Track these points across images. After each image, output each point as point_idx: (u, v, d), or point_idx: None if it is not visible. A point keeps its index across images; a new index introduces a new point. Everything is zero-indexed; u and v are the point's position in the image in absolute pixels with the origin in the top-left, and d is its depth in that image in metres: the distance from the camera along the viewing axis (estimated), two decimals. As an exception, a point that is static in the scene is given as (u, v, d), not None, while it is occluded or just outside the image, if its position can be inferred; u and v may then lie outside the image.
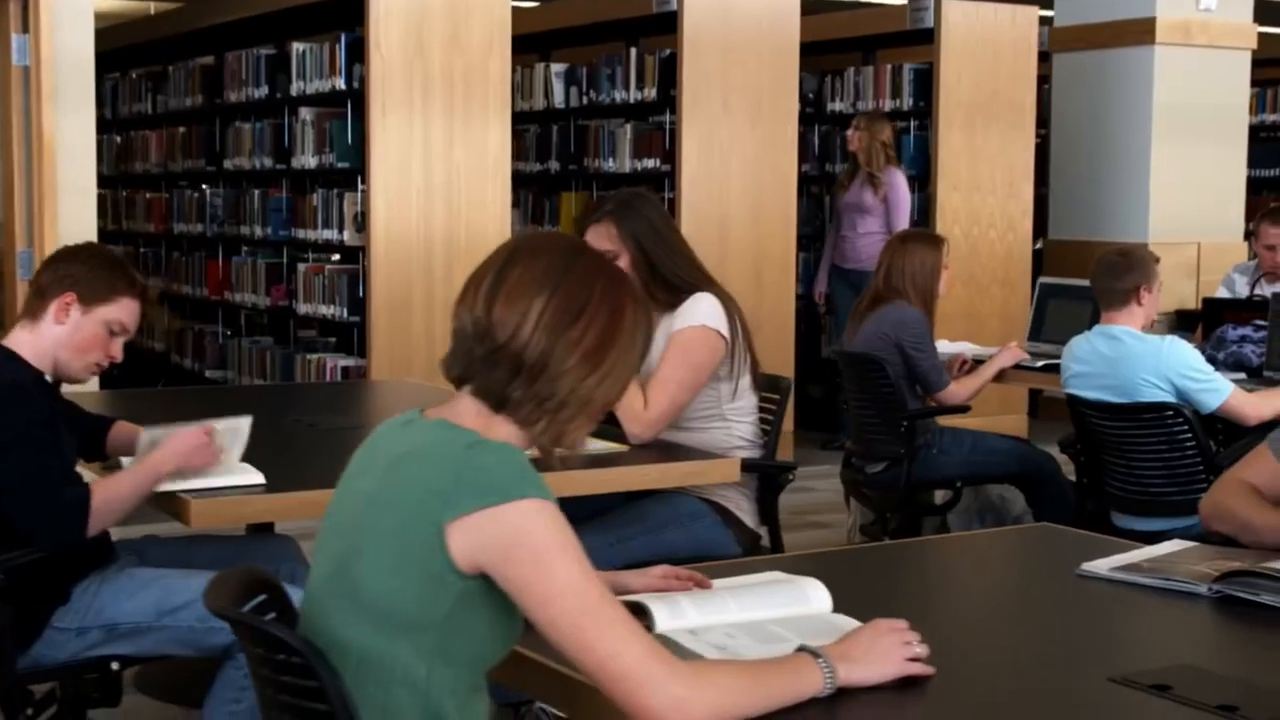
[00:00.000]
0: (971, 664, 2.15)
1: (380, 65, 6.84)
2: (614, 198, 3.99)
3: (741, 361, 3.90)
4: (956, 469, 5.35)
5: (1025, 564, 2.77)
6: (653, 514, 3.84)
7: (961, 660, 2.14)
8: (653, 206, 3.95)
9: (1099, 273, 4.75)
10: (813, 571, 2.39)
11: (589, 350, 1.95)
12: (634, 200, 3.95)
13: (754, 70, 7.77)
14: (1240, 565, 2.50)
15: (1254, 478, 2.93)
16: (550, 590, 1.83)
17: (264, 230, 7.91)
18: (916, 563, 2.83)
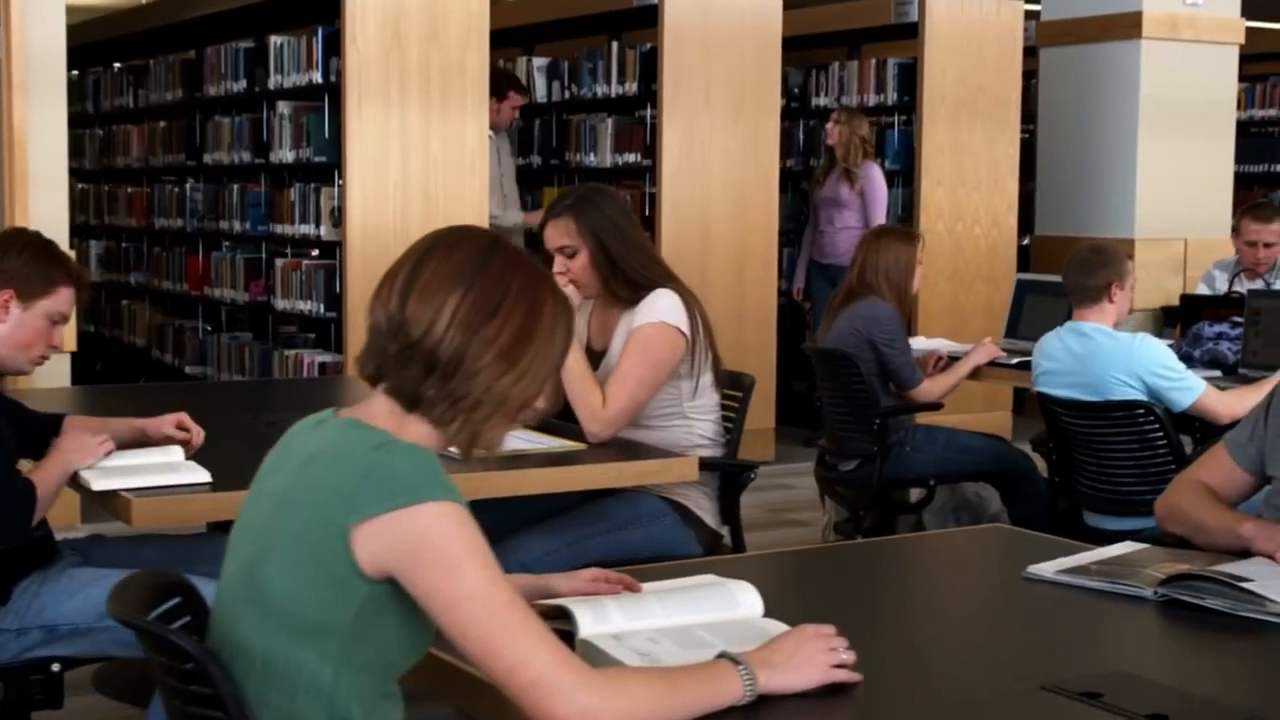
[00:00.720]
0: (902, 670, 2.10)
1: (356, 59, 6.79)
2: (573, 193, 3.94)
3: (703, 359, 3.85)
4: (930, 467, 5.30)
5: (974, 566, 2.72)
6: (612, 513, 3.79)
7: (892, 666, 2.10)
8: (612, 202, 3.90)
9: (1070, 269, 4.70)
10: (760, 572, 2.35)
11: (505, 348, 1.90)
12: (593, 195, 3.91)
13: (736, 65, 7.71)
14: (1187, 568, 2.46)
15: (1209, 478, 2.89)
16: (457, 595, 1.79)
17: (243, 225, 7.86)
18: (863, 565, 2.78)
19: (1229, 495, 2.87)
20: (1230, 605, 2.33)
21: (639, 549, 3.74)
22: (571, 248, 3.81)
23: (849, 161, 8.00)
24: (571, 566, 3.66)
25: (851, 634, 1.98)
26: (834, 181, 8.10)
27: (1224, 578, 2.36)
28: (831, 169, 8.13)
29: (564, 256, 3.83)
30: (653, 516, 3.81)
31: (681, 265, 7.59)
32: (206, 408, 3.79)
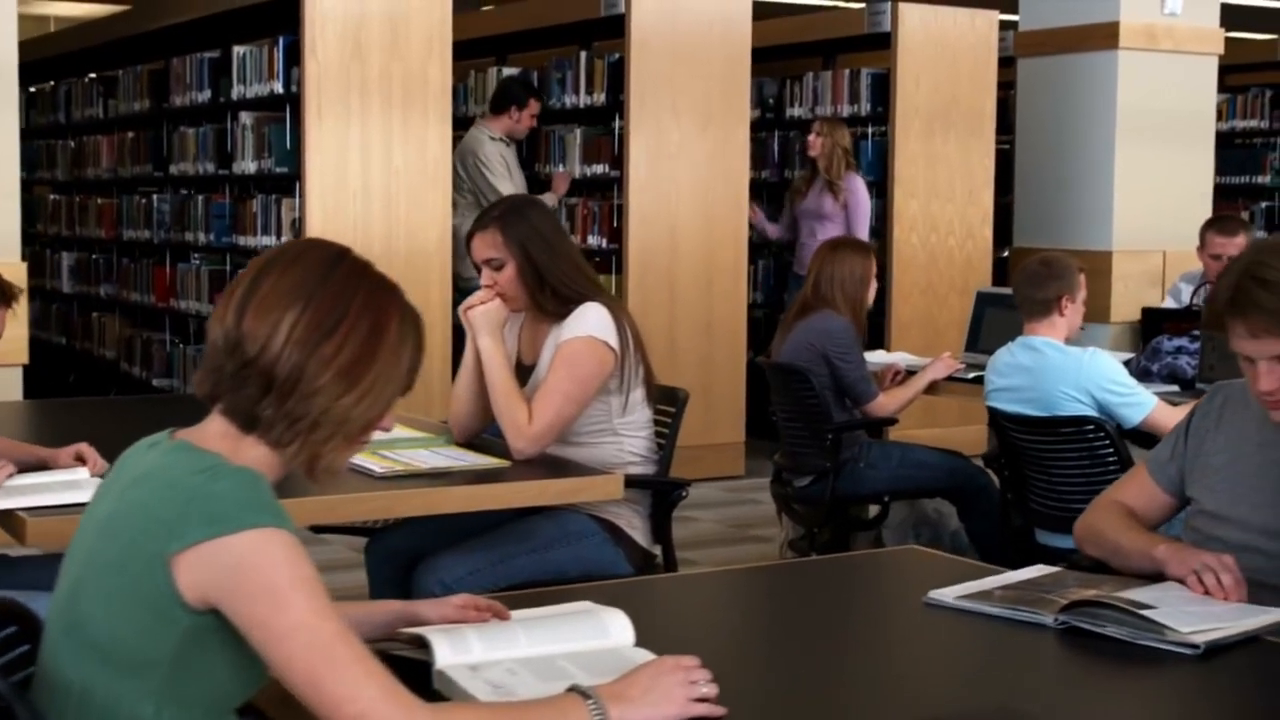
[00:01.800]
0: (772, 703, 2.02)
1: (316, 69, 6.72)
2: (501, 204, 3.87)
3: (633, 374, 3.76)
4: (884, 483, 5.21)
5: (880, 590, 2.63)
6: (538, 532, 3.71)
7: (762, 699, 2.01)
8: (541, 213, 3.83)
9: (1020, 282, 4.62)
10: (678, 593, 2.27)
11: (344, 367, 1.82)
12: (522, 207, 3.83)
13: (704, 75, 7.63)
14: (1094, 594, 2.37)
15: (1129, 499, 2.80)
16: (282, 627, 1.70)
17: (208, 237, 7.79)
18: (771, 588, 2.70)
19: (1149, 517, 2.78)
20: (1130, 634, 2.24)
21: (566, 569, 3.66)
22: (498, 260, 3.73)
23: (831, 173, 7.91)
24: (495, 587, 3.59)
25: (730, 662, 1.91)
26: (817, 193, 8.01)
27: (1125, 605, 2.27)
28: (813, 180, 8.04)
29: (491, 269, 3.75)
30: (581, 535, 3.73)
31: (650, 277, 7.58)
32: (154, 422, 3.69)
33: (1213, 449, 2.70)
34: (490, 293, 3.75)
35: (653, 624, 2.51)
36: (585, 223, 7.90)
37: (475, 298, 3.77)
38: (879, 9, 8.25)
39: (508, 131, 7.69)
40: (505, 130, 7.69)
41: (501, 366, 3.70)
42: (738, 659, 2.23)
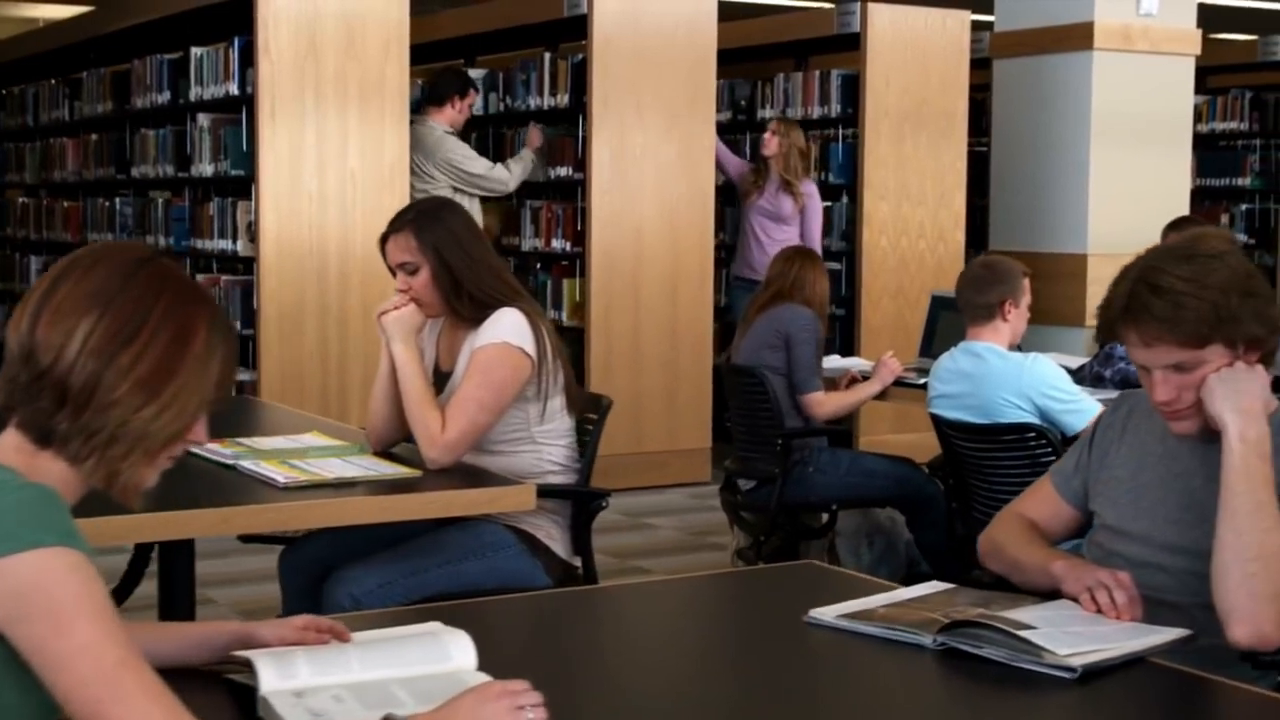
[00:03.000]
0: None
1: (269, 70, 6.63)
2: (416, 206, 3.78)
3: (551, 381, 3.66)
4: (832, 490, 5.12)
5: (766, 607, 2.53)
6: (452, 544, 3.61)
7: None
8: (457, 216, 3.73)
9: (962, 285, 4.52)
10: (573, 608, 2.16)
11: (143, 378, 1.72)
12: (437, 209, 3.74)
13: (669, 76, 7.54)
14: (974, 613, 2.27)
15: (1032, 512, 2.70)
16: (64, 652, 1.60)
17: (167, 240, 7.69)
18: (644, 604, 2.61)
19: (1053, 531, 2.68)
20: (1008, 656, 2.14)
21: (481, 581, 3.57)
22: (412, 264, 3.64)
23: (789, 174, 7.81)
24: (408, 600, 3.50)
25: (587, 685, 1.81)
26: (773, 194, 7.91)
27: (1002, 626, 2.17)
28: (766, 179, 7.93)
29: (405, 273, 3.65)
30: (497, 547, 3.64)
31: (613, 282, 7.48)
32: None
33: (1116, 461, 2.60)
34: (404, 297, 3.65)
35: (521, 641, 2.42)
36: (549, 225, 7.81)
37: (389, 303, 3.68)
38: (848, 9, 8.16)
39: (451, 123, 7.57)
40: (449, 122, 7.56)
41: (415, 374, 3.60)
42: (596, 679, 2.14)
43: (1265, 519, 2.27)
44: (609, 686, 2.10)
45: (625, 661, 2.26)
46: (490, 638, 2.45)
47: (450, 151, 7.43)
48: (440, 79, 7.78)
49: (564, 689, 2.08)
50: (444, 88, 7.66)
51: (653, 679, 2.17)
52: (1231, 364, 2.38)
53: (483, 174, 7.45)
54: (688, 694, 2.10)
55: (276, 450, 3.64)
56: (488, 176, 7.49)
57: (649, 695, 2.08)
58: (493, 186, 7.52)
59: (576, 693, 2.04)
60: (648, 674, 2.20)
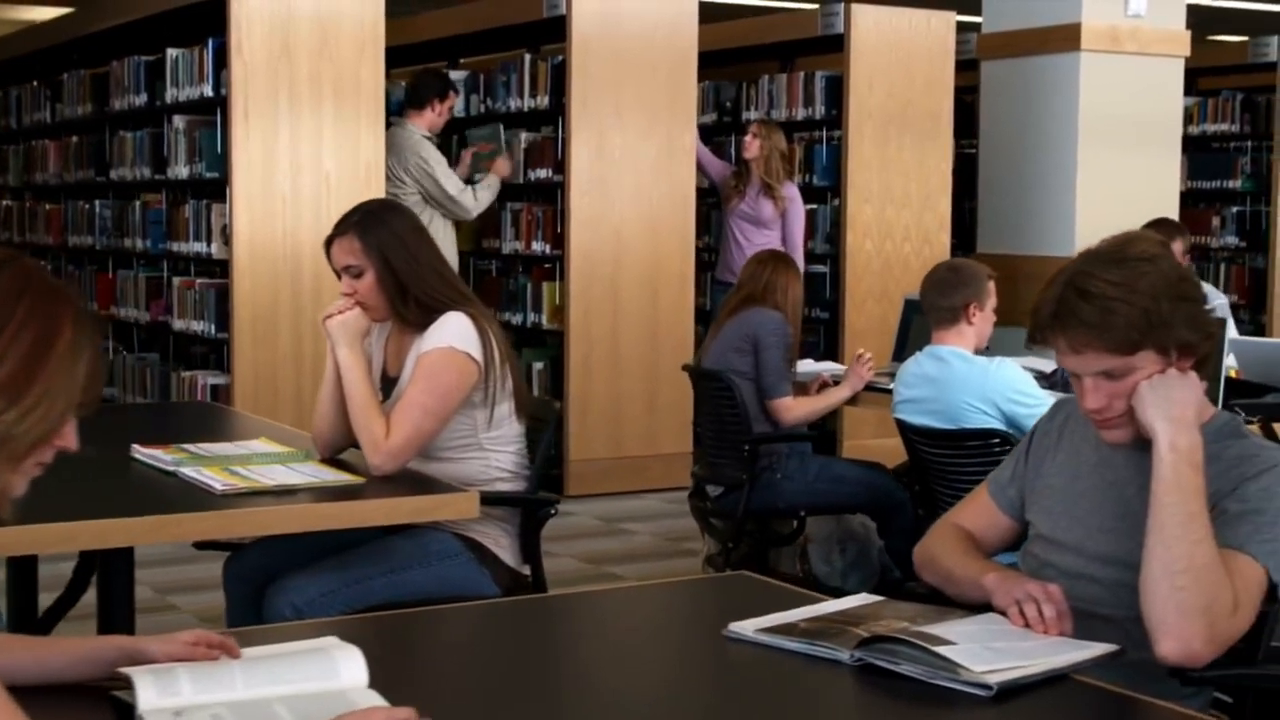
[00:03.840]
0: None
1: (242, 72, 6.58)
2: (360, 209, 3.70)
3: (499, 387, 3.59)
4: (800, 497, 5.05)
5: (688, 620, 2.47)
6: (398, 552, 3.55)
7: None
8: (403, 219, 3.67)
9: (927, 289, 4.46)
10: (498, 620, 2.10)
11: (5, 381, 1.65)
12: (382, 212, 3.68)
13: (649, 78, 7.48)
14: (897, 627, 2.21)
15: (969, 522, 2.64)
16: None
17: (144, 243, 7.65)
18: (574, 616, 2.54)
19: (989, 542, 2.61)
20: (925, 672, 2.08)
21: (428, 590, 3.51)
22: (357, 267, 3.58)
23: (770, 177, 7.73)
24: (350, 609, 3.43)
25: (486, 699, 1.74)
26: (754, 197, 7.82)
27: (919, 641, 2.10)
28: (748, 183, 7.85)
29: (349, 276, 3.59)
30: (444, 555, 3.57)
31: (593, 285, 7.42)
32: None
33: (1051, 469, 2.53)
34: (349, 301, 3.60)
35: (437, 652, 2.36)
36: (529, 228, 7.75)
37: (334, 306, 3.62)
38: (832, 10, 8.09)
39: (431, 126, 7.51)
40: (429, 126, 7.50)
41: (360, 379, 3.54)
42: (497, 692, 2.08)
43: (1195, 531, 2.20)
44: (510, 700, 2.04)
45: (535, 674, 2.20)
46: (415, 649, 2.40)
47: (426, 159, 7.35)
48: (420, 81, 7.72)
49: (463, 702, 2.03)
50: (423, 90, 7.60)
51: (560, 693, 2.11)
52: (1164, 371, 2.31)
53: (454, 195, 7.34)
54: (593, 710, 2.03)
55: (220, 456, 3.58)
56: (457, 200, 7.38)
57: (553, 710, 2.02)
58: (457, 211, 7.41)
59: (468, 707, 1.99)
60: (556, 688, 2.14)
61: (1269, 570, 2.25)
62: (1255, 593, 2.24)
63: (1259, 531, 2.26)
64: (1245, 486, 2.30)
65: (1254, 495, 2.29)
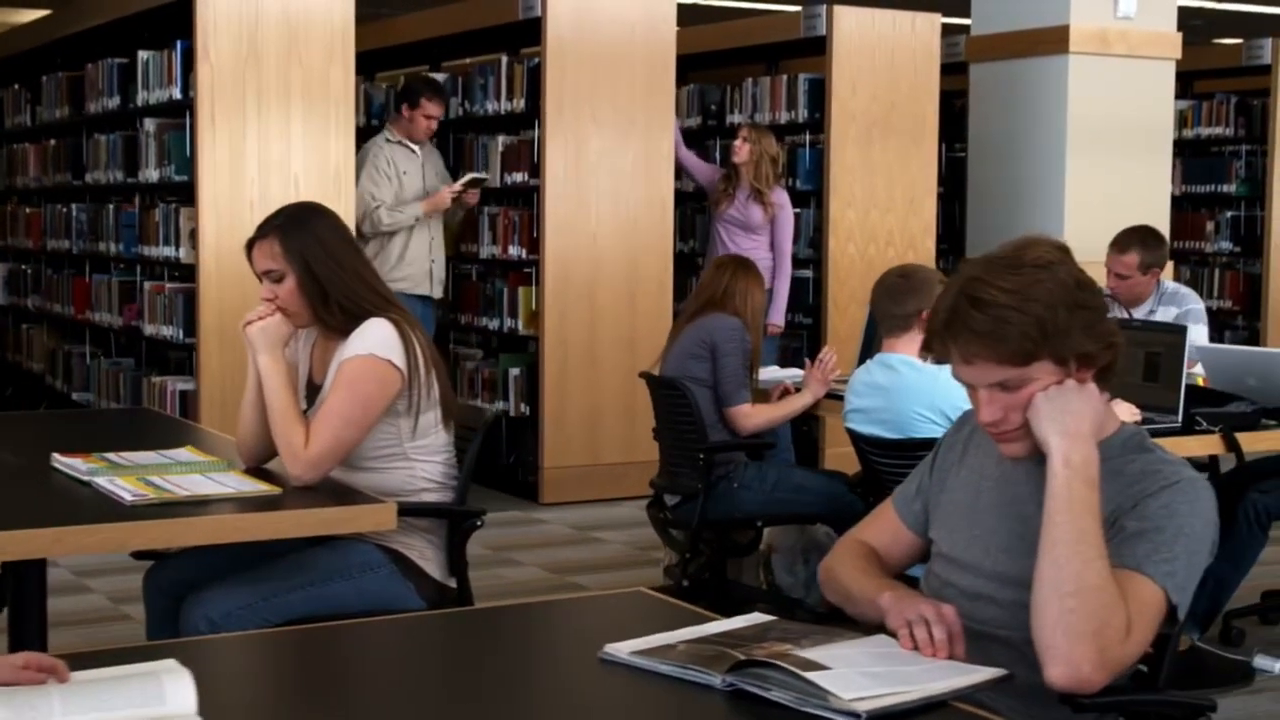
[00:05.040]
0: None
1: (209, 75, 6.50)
2: (282, 212, 3.62)
3: (424, 395, 3.50)
4: (758, 506, 4.95)
5: (571, 640, 2.37)
6: (318, 564, 3.47)
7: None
8: (326, 222, 3.58)
9: (878, 295, 4.35)
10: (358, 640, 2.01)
11: None
12: (304, 215, 3.59)
13: (626, 81, 7.39)
14: (778, 650, 2.11)
15: (873, 537, 2.54)
16: None
17: (118, 247, 7.58)
18: (444, 635, 2.45)
19: (894, 558, 2.51)
20: (795, 699, 1.98)
21: (349, 604, 3.42)
22: (278, 272, 3.49)
23: (760, 182, 7.62)
24: (268, 623, 3.34)
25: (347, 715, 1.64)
26: (743, 202, 7.71)
27: (789, 666, 2.00)
28: (738, 187, 7.74)
29: (270, 281, 3.51)
30: (366, 568, 3.49)
31: (568, 290, 7.33)
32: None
33: (955, 484, 2.43)
34: (270, 307, 3.51)
35: (313, 669, 2.27)
36: (505, 232, 7.66)
37: (254, 312, 3.54)
38: (814, 12, 7.99)
39: (407, 133, 7.43)
40: (403, 132, 7.43)
41: (279, 387, 3.45)
42: (362, 710, 1.99)
43: (1086, 550, 2.10)
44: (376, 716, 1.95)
45: (403, 692, 2.10)
46: (331, 663, 2.32)
47: (364, 162, 7.26)
48: (402, 86, 7.69)
49: None
50: (399, 96, 7.57)
51: (422, 714, 2.02)
52: (1061, 382, 2.21)
53: (369, 207, 7.23)
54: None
55: (139, 466, 3.50)
56: (369, 214, 7.26)
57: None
58: (366, 225, 7.24)
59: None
60: (422, 709, 2.05)
61: (1168, 592, 2.15)
62: (1151, 615, 2.14)
63: (1158, 551, 2.16)
64: (1146, 503, 2.20)
65: (1155, 513, 2.18)
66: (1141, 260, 5.68)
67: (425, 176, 7.53)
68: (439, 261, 7.56)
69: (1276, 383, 4.63)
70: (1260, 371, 4.68)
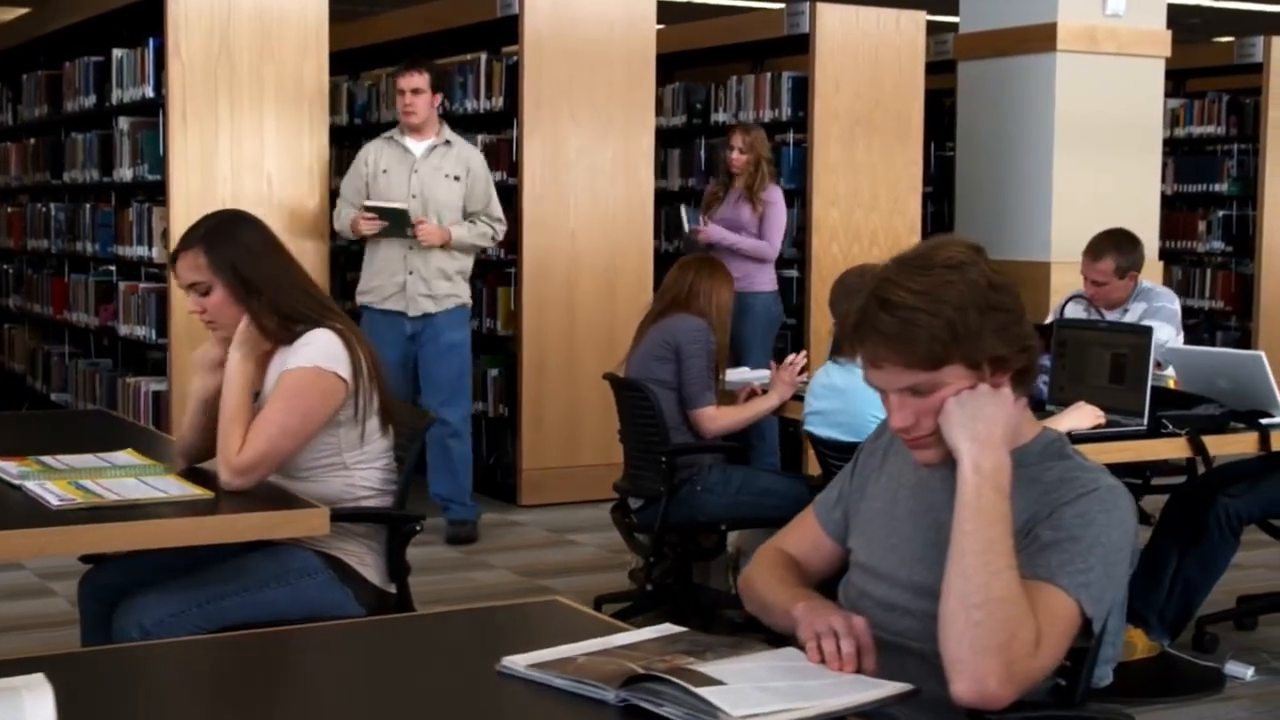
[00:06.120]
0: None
1: (180, 72, 6.46)
2: (204, 222, 3.54)
3: (368, 403, 3.44)
4: (721, 510, 4.87)
5: (476, 651, 2.30)
6: (254, 570, 3.40)
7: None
8: (252, 230, 3.51)
9: (837, 295, 4.29)
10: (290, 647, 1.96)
11: None
12: (229, 224, 3.51)
13: (605, 79, 7.32)
14: (677, 664, 2.04)
15: (793, 546, 2.47)
16: None
17: (94, 247, 7.53)
18: (357, 643, 2.38)
19: (815, 567, 2.44)
20: (686, 715, 1.91)
21: (286, 610, 3.35)
22: (204, 284, 3.42)
23: (754, 186, 7.52)
24: (202, 630, 3.28)
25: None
26: (733, 203, 7.63)
27: (681, 681, 1.93)
28: (730, 188, 7.66)
29: (197, 294, 3.44)
30: (303, 574, 3.42)
31: (546, 290, 7.26)
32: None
33: (874, 490, 2.36)
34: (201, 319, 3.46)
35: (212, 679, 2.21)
36: (485, 232, 7.58)
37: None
38: (797, 10, 7.92)
39: (403, 126, 6.59)
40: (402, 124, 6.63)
41: (241, 389, 3.39)
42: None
43: (995, 560, 2.03)
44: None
45: (283, 702, 2.04)
46: (263, 671, 2.27)
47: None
48: None
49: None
50: None
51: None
52: (974, 386, 2.14)
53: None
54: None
55: (72, 469, 3.45)
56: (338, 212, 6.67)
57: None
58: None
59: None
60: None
61: (1082, 603, 2.08)
62: (1063, 628, 2.06)
63: (1072, 561, 2.08)
64: (1062, 511, 2.12)
65: (1070, 522, 2.11)
66: (1117, 265, 5.60)
67: (418, 181, 6.50)
68: (429, 279, 6.49)
69: (1247, 385, 4.55)
70: (1231, 374, 4.60)
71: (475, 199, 6.59)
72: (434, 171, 6.52)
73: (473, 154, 6.69)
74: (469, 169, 6.57)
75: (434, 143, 6.54)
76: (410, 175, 6.51)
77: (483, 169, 6.65)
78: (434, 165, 6.53)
